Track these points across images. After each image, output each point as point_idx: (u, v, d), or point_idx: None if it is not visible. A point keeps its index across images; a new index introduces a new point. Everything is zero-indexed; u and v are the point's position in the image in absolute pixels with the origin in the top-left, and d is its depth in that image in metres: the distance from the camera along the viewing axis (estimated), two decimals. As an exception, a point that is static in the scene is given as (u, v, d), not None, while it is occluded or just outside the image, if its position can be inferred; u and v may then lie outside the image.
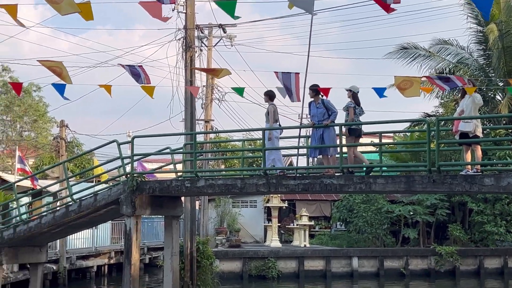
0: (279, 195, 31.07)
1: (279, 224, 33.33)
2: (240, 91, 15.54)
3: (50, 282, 23.44)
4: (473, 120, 11.90)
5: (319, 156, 13.69)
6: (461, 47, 32.34)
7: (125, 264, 14.35)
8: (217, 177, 15.48)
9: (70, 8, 11.42)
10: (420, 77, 14.11)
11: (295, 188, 13.08)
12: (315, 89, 13.31)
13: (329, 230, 37.17)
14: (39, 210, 18.51)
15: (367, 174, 12.93)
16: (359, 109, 13.11)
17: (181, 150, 17.10)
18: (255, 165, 32.48)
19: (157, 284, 26.04)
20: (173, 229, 15.82)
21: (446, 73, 30.31)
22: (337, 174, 13.04)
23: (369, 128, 15.51)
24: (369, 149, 22.73)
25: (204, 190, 14.28)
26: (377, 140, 15.24)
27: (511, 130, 27.19)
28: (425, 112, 33.14)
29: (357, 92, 13.20)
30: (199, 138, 26.16)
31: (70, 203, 15.60)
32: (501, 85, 30.44)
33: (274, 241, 30.50)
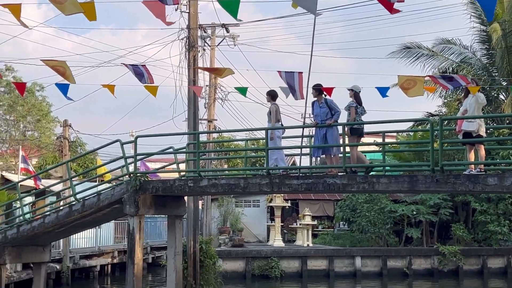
0: (282, 195, 31.08)
1: (282, 224, 33.32)
2: (243, 90, 15.55)
3: (53, 281, 23.46)
4: (477, 119, 11.88)
5: (322, 156, 13.68)
6: (464, 46, 32.30)
7: (128, 263, 14.37)
8: (220, 177, 15.46)
9: (74, 8, 11.42)
10: (423, 77, 14.09)
11: (298, 188, 13.08)
12: (318, 89, 13.30)
13: (332, 229, 37.15)
14: (43, 209, 18.54)
15: (366, 173, 12.92)
16: (361, 109, 13.11)
17: (184, 150, 17.11)
18: (258, 165, 32.48)
19: (160, 284, 26.05)
20: (176, 229, 15.82)
21: (449, 72, 30.24)
22: (340, 173, 13.04)
23: (372, 128, 15.49)
24: (372, 149, 22.75)
25: (207, 190, 14.28)
26: (380, 140, 15.24)
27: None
28: (428, 111, 33.07)
29: (359, 91, 13.21)
30: (202, 138, 26.16)
31: (73, 203, 15.60)
32: (504, 84, 30.39)
33: (277, 241, 30.50)
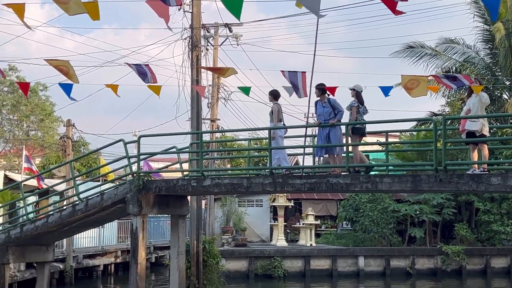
0: (285, 194, 31.07)
1: (285, 223, 33.31)
2: (246, 90, 15.53)
3: (56, 281, 23.50)
4: (480, 119, 11.87)
5: (325, 155, 13.68)
6: (467, 46, 32.24)
7: (132, 263, 14.38)
8: (223, 176, 15.47)
9: (78, 8, 11.43)
10: (427, 76, 14.07)
11: (301, 187, 13.07)
12: (321, 88, 13.31)
13: (335, 229, 37.11)
14: (46, 209, 18.56)
15: (366, 173, 12.92)
16: (363, 108, 13.10)
17: (187, 149, 17.12)
18: (261, 164, 32.46)
19: (163, 283, 26.07)
20: (179, 228, 15.83)
21: (452, 72, 30.19)
22: (343, 173, 13.03)
23: (375, 127, 15.48)
24: (375, 148, 22.74)
25: (210, 189, 14.29)
26: (383, 139, 15.22)
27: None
28: (431, 111, 33.06)
29: (361, 91, 13.20)
30: (205, 137, 26.18)
31: (76, 202, 15.63)
32: (507, 84, 30.35)
33: (280, 240, 30.49)
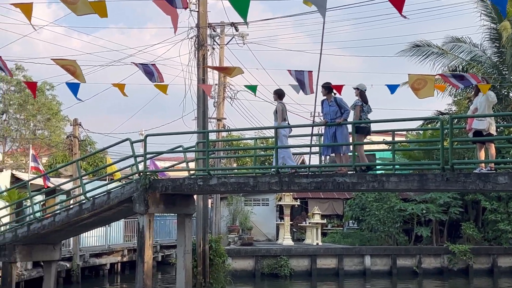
0: (292, 193, 31.07)
1: (291, 222, 33.31)
2: (253, 88, 15.54)
3: (63, 279, 23.58)
4: (487, 118, 11.85)
5: (331, 154, 13.67)
6: (474, 44, 32.09)
7: (138, 262, 14.40)
8: (229, 175, 15.47)
9: (86, 8, 11.47)
10: (434, 75, 14.03)
11: (308, 186, 13.06)
12: (327, 87, 13.31)
13: (342, 228, 37.09)
14: (53, 208, 18.62)
15: (364, 171, 12.90)
16: (367, 107, 13.12)
17: (194, 148, 17.14)
18: (267, 163, 32.48)
19: (170, 282, 26.11)
20: (185, 227, 15.85)
21: (459, 71, 30.10)
22: (349, 172, 13.02)
23: (382, 126, 15.43)
24: (381, 147, 22.69)
25: (216, 188, 14.30)
26: (389, 138, 15.19)
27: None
28: (438, 110, 32.95)
29: (365, 90, 13.22)
30: (212, 136, 26.21)
31: (83, 201, 15.67)
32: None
33: (286, 239, 30.50)
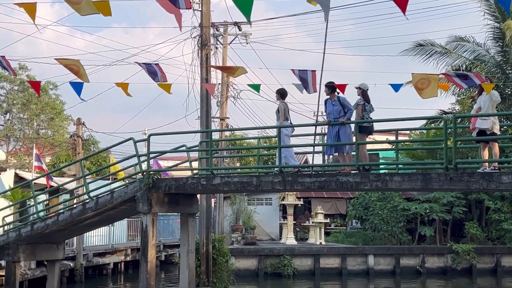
0: (295, 193, 31.07)
1: (295, 222, 33.32)
2: (256, 87, 15.54)
3: (67, 279, 23.62)
4: (491, 117, 11.81)
5: (335, 154, 13.65)
6: (477, 44, 32.03)
7: (142, 261, 14.41)
8: (232, 175, 15.46)
9: (89, 8, 11.48)
10: (437, 75, 14.01)
11: (311, 186, 13.04)
12: (331, 86, 13.29)
13: (345, 227, 37.10)
14: (56, 207, 18.65)
15: (368, 171, 12.90)
16: (369, 106, 13.10)
17: (197, 148, 17.14)
18: (270, 163, 32.48)
19: (173, 281, 26.13)
20: (189, 227, 15.84)
21: (462, 70, 30.05)
22: (352, 171, 13.00)
23: (385, 126, 15.42)
24: (385, 147, 22.68)
25: (219, 188, 14.29)
26: (392, 138, 15.18)
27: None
28: (441, 109, 32.92)
29: (367, 89, 13.21)
30: (215, 136, 26.20)
31: (87, 201, 15.69)
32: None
33: (289, 239, 30.51)
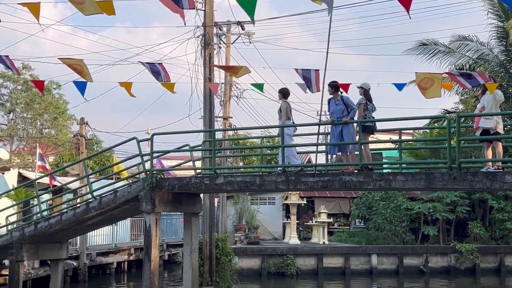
0: (298, 192, 31.04)
1: (298, 221, 33.29)
2: (259, 87, 15.51)
3: (70, 278, 23.67)
4: (494, 116, 11.80)
5: (338, 153, 13.64)
6: (481, 43, 31.95)
7: (145, 260, 14.42)
8: (236, 174, 15.46)
9: (93, 8, 11.49)
10: (441, 74, 13.97)
11: (314, 185, 13.03)
12: (334, 86, 13.28)
13: (348, 227, 37.05)
14: (60, 207, 18.67)
15: (371, 170, 12.88)
16: (371, 106, 13.10)
17: (200, 147, 17.14)
18: (273, 162, 32.47)
19: (177, 281, 26.15)
20: (192, 226, 15.84)
21: (466, 69, 29.96)
22: (356, 171, 12.98)
23: (388, 125, 15.37)
24: (388, 146, 22.59)
25: (223, 187, 14.28)
26: (396, 137, 15.14)
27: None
28: (445, 109, 32.87)
29: (369, 89, 13.21)
30: (218, 135, 26.21)
31: (90, 200, 15.70)
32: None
33: (292, 238, 30.50)
